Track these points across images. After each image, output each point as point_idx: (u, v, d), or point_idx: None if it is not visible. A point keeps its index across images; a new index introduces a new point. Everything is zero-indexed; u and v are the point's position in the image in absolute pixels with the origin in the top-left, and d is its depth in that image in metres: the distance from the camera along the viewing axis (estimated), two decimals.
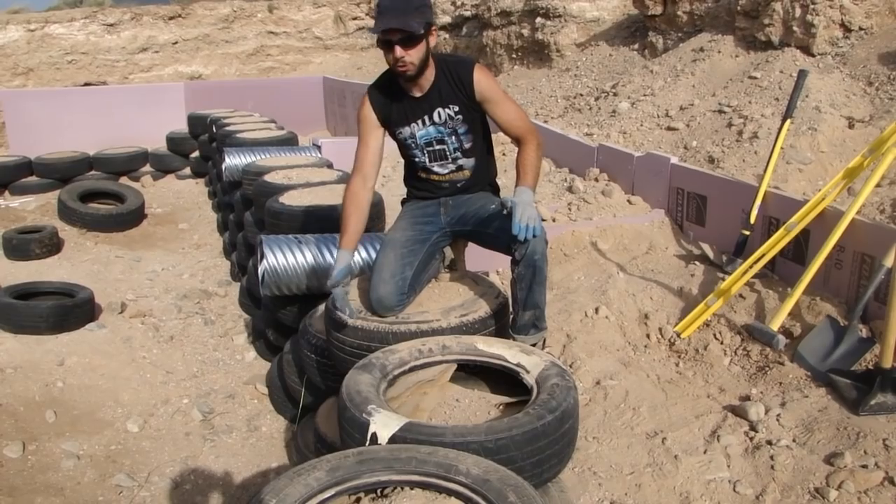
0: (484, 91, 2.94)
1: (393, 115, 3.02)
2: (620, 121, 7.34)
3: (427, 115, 2.99)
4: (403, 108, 3.00)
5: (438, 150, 3.07)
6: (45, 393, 3.98)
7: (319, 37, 15.79)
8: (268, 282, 3.67)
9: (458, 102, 2.97)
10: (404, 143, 3.09)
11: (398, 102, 3.00)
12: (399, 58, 2.78)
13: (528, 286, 2.87)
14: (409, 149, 3.10)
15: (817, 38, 6.88)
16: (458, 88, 2.94)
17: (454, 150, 3.07)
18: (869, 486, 2.79)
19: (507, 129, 3.01)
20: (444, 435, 2.06)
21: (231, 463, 3.53)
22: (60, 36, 13.84)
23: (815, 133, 5.71)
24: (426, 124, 3.01)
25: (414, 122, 3.01)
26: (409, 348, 2.63)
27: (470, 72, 2.92)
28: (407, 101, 2.99)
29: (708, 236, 5.05)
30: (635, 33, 9.82)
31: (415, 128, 3.02)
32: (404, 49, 2.77)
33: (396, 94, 2.99)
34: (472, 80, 2.92)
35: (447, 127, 3.01)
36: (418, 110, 2.99)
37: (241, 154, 6.18)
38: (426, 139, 3.04)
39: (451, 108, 2.97)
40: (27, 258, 6.21)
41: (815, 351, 3.67)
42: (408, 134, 3.04)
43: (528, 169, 2.90)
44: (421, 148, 3.06)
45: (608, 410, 3.49)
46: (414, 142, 3.06)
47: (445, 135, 3.03)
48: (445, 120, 3.00)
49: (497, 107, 2.98)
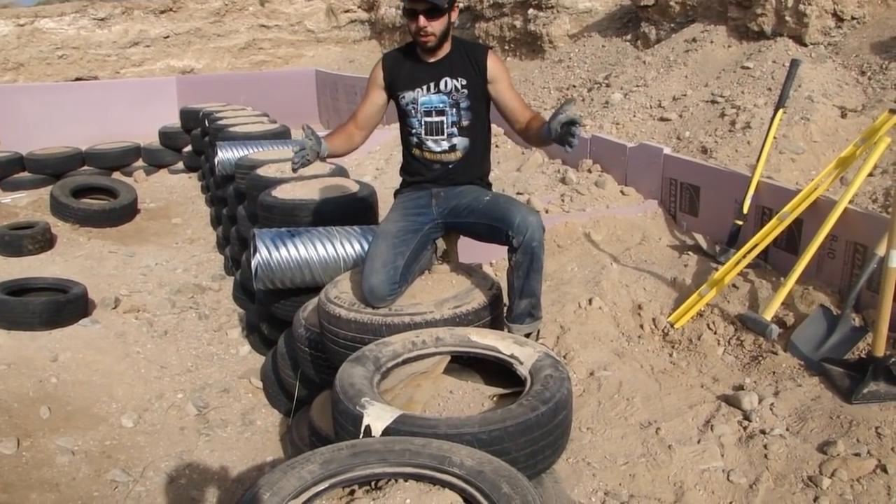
0: (496, 72, 3.08)
1: (401, 77, 3.12)
2: (613, 112, 7.34)
3: (434, 81, 3.08)
4: (413, 70, 3.11)
5: (437, 123, 3.11)
6: (39, 389, 3.97)
7: (311, 30, 15.73)
8: (261, 275, 3.66)
9: (467, 77, 3.08)
10: (405, 109, 3.15)
11: (409, 66, 3.12)
12: (422, 27, 2.93)
13: (525, 274, 2.89)
14: (408, 116, 3.15)
15: (810, 28, 6.88)
16: (471, 65, 3.07)
17: (451, 125, 3.11)
18: (861, 473, 2.81)
19: (513, 111, 3.11)
20: (437, 427, 2.07)
21: (226, 457, 3.53)
22: (51, 30, 13.76)
23: (807, 123, 5.72)
24: (431, 91, 3.09)
25: (419, 87, 3.10)
26: (403, 340, 2.62)
27: (485, 53, 3.10)
28: (418, 65, 3.10)
29: (701, 226, 5.06)
30: (628, 24, 9.81)
31: (419, 93, 3.10)
32: (428, 20, 2.92)
33: (410, 58, 3.13)
34: (485, 60, 3.07)
35: (451, 98, 3.08)
36: (426, 75, 3.09)
37: (233, 148, 6.16)
38: (427, 107, 3.10)
39: (459, 79, 3.08)
40: (20, 254, 6.18)
41: (808, 340, 3.68)
42: (410, 98, 3.11)
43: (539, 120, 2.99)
44: (420, 116, 3.11)
45: (602, 401, 3.50)
46: (414, 107, 3.11)
47: (447, 105, 3.09)
48: (451, 90, 3.08)
49: (507, 90, 3.12)
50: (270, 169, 4.97)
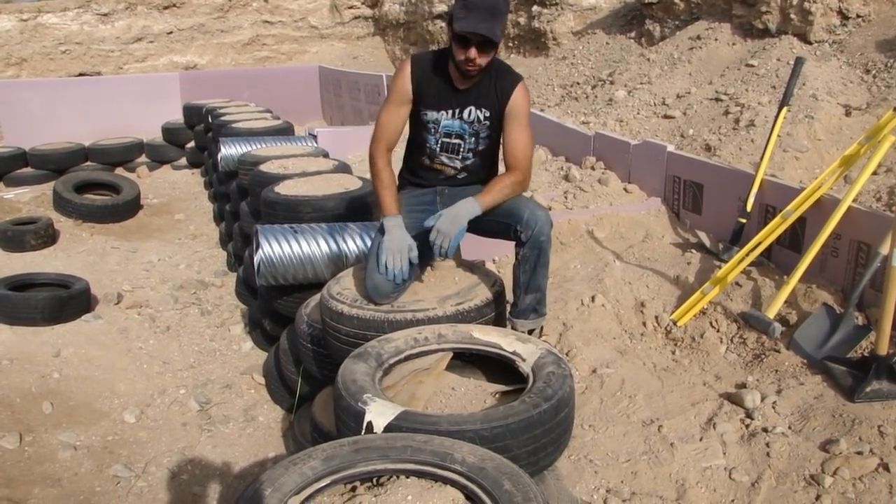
0: (515, 108, 2.96)
1: (428, 93, 2.99)
2: (617, 109, 7.32)
3: (459, 107, 2.99)
4: (441, 90, 2.99)
5: (454, 144, 3.06)
6: (42, 384, 3.98)
7: (315, 26, 15.70)
8: (264, 271, 3.66)
9: (491, 109, 2.98)
10: (423, 125, 3.06)
11: (438, 83, 2.98)
12: (472, 59, 2.79)
13: (531, 269, 2.89)
14: (425, 131, 3.07)
15: (814, 26, 6.86)
16: (496, 95, 2.96)
17: (468, 150, 3.08)
18: (864, 472, 2.80)
19: (506, 152, 3.02)
20: (439, 423, 2.06)
21: (228, 453, 3.53)
22: (54, 26, 13.75)
23: (811, 121, 5.70)
24: (454, 116, 3.01)
25: (444, 110, 3.00)
26: (405, 337, 2.62)
27: (514, 85, 2.96)
28: (446, 86, 2.98)
29: (704, 224, 5.05)
30: (632, 21, 9.79)
31: (443, 115, 3.01)
32: (479, 53, 2.79)
33: (439, 74, 2.98)
34: (511, 92, 2.95)
35: (472, 128, 3.02)
36: (453, 100, 2.99)
37: (236, 144, 6.15)
38: (447, 130, 3.03)
39: (483, 111, 2.99)
40: (22, 249, 6.19)
41: (811, 338, 3.68)
42: (433, 118, 3.02)
43: (493, 189, 2.92)
44: (438, 136, 3.05)
45: (604, 398, 3.50)
46: (435, 127, 3.04)
47: (467, 134, 3.03)
48: (474, 120, 3.00)
49: (514, 128, 2.98)
50: (273, 165, 4.97)
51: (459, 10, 2.76)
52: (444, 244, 2.79)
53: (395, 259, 2.78)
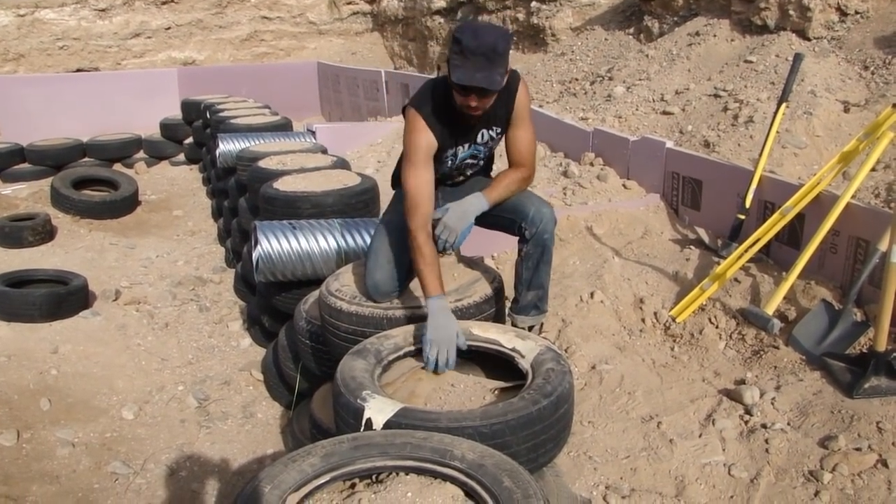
0: (519, 108, 2.86)
1: (442, 135, 2.82)
2: (616, 105, 7.31)
3: (473, 138, 2.92)
4: (453, 130, 2.84)
5: (469, 164, 3.05)
6: (40, 381, 3.97)
7: (314, 22, 15.67)
8: (262, 268, 3.66)
9: (500, 124, 2.90)
10: (440, 160, 2.91)
11: (450, 125, 2.82)
12: (474, 107, 2.65)
13: (534, 265, 2.89)
14: (440, 163, 2.93)
15: (813, 22, 6.85)
16: (504, 108, 2.84)
17: (477, 164, 3.08)
18: (862, 468, 2.80)
19: (511, 149, 2.96)
20: (439, 420, 2.06)
21: (227, 449, 3.53)
22: (51, 21, 13.71)
23: (810, 117, 5.70)
24: (471, 146, 2.95)
25: (460, 146, 2.91)
26: (404, 333, 2.62)
27: (516, 89, 2.83)
28: (458, 125, 2.83)
29: (703, 220, 5.05)
30: (631, 17, 9.77)
31: (460, 150, 2.94)
32: (480, 100, 2.63)
33: (448, 116, 2.79)
34: (515, 98, 2.83)
35: (486, 147, 2.99)
36: (467, 134, 2.89)
37: (235, 140, 6.15)
38: (464, 156, 2.99)
39: (494, 129, 2.92)
40: (20, 246, 6.19)
41: (809, 335, 3.68)
42: (450, 154, 2.93)
43: (500, 185, 2.88)
44: (455, 161, 2.99)
45: (603, 395, 3.50)
46: (453, 160, 2.97)
47: (481, 153, 3.01)
48: (487, 140, 2.95)
49: (518, 126, 2.91)
50: (272, 161, 4.96)
51: (456, 56, 2.56)
52: (449, 238, 2.76)
53: (443, 353, 2.50)
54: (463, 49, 2.52)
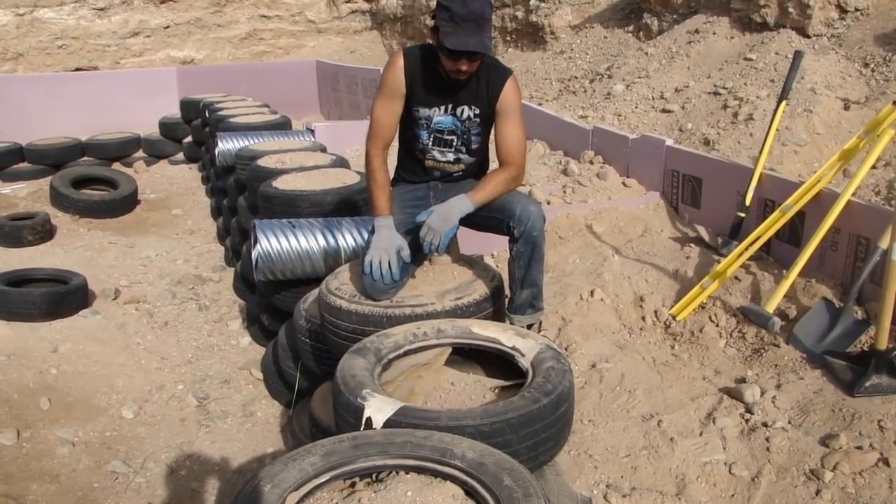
0: (505, 104, 2.94)
1: (419, 90, 2.95)
2: (615, 103, 7.31)
3: (451, 104, 2.97)
4: (432, 87, 2.94)
5: (446, 139, 3.05)
6: (39, 380, 3.96)
7: (312, 20, 15.64)
8: (262, 266, 3.65)
9: (480, 106, 2.96)
10: (415, 121, 3.03)
11: (428, 81, 2.94)
12: (464, 70, 2.78)
13: (526, 264, 2.89)
14: (417, 127, 3.04)
15: (813, 20, 6.85)
16: (486, 92, 2.93)
17: (460, 145, 3.07)
18: (864, 467, 2.80)
19: (499, 147, 3.00)
20: (439, 419, 2.06)
21: (226, 448, 3.52)
22: (50, 20, 13.68)
23: (810, 115, 5.69)
24: (446, 112, 2.99)
25: (435, 107, 2.98)
26: (404, 332, 2.61)
27: (503, 80, 2.93)
28: (438, 83, 2.93)
29: (703, 218, 5.04)
30: (630, 15, 9.76)
31: (435, 112, 2.99)
32: (470, 63, 2.77)
33: (430, 71, 2.91)
34: (501, 88, 2.92)
35: (464, 125, 3.01)
36: (444, 97, 2.96)
37: (234, 139, 6.14)
38: (439, 126, 3.02)
39: (474, 108, 2.97)
40: (19, 245, 6.17)
41: (810, 333, 3.67)
42: (424, 115, 3.00)
43: (486, 186, 2.91)
44: (430, 131, 3.03)
45: (604, 393, 3.49)
46: (427, 123, 3.02)
47: (459, 130, 3.02)
48: (465, 118, 2.99)
49: (506, 123, 2.97)
50: (271, 159, 4.95)
51: (446, 23, 2.69)
52: (434, 241, 2.80)
53: (382, 259, 2.76)
54: (453, 16, 2.66)
